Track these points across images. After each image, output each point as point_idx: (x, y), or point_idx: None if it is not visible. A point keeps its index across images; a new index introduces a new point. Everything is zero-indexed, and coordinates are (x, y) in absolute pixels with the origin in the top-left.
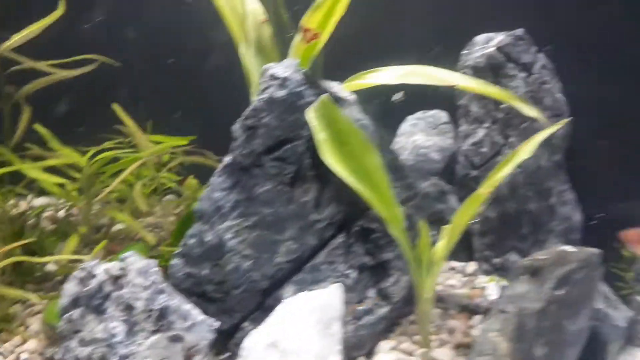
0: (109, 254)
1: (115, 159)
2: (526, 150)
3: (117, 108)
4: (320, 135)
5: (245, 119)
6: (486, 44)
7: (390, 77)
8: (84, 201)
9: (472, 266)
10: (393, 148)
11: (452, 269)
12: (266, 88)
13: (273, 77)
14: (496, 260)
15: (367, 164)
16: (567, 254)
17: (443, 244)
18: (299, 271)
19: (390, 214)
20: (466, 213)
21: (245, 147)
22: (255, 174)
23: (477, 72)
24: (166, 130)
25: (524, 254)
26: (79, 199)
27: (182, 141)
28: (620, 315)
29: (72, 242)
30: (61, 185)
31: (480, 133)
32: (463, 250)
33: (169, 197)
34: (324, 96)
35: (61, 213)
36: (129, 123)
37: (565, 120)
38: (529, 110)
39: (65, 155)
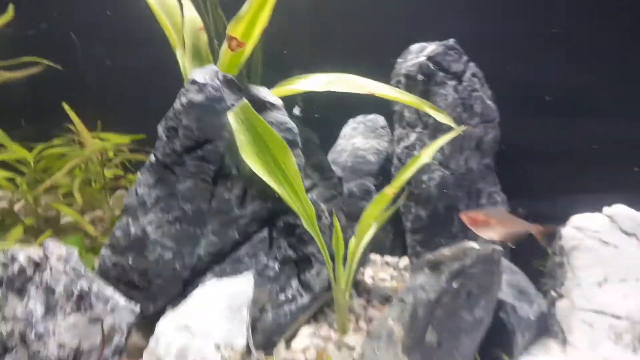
0: None
1: (63, 156)
2: (428, 154)
3: (66, 107)
4: (241, 137)
5: (166, 120)
6: (419, 53)
7: (315, 85)
8: (30, 194)
9: (404, 261)
10: (320, 150)
11: (387, 263)
12: (187, 92)
13: (193, 82)
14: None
15: (283, 165)
16: (467, 250)
17: (354, 240)
18: (220, 262)
19: (304, 210)
20: (373, 212)
21: (167, 147)
22: (176, 171)
23: (410, 79)
24: (120, 129)
25: None
26: (27, 193)
27: (124, 139)
28: (532, 308)
29: (16, 232)
30: (11, 180)
31: (412, 137)
32: (399, 246)
33: (120, 192)
34: (244, 101)
35: (10, 205)
36: (76, 121)
37: (458, 129)
38: (441, 117)
39: (14, 151)
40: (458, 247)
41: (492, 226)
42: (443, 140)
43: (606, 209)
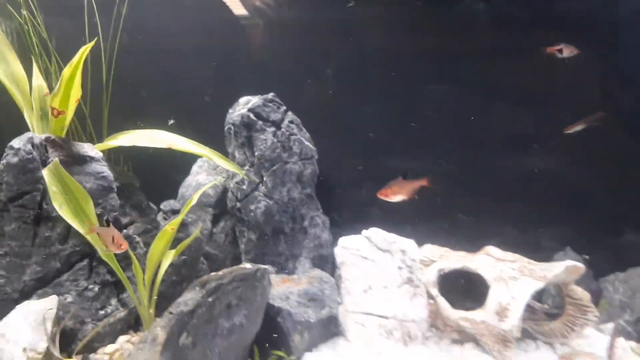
0: None
1: None
2: (197, 195)
3: None
4: (53, 189)
5: None
6: (245, 105)
7: (126, 141)
8: None
9: None
10: (140, 191)
11: None
12: (6, 155)
13: (10, 147)
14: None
15: (85, 210)
16: (235, 270)
17: (149, 268)
18: (44, 287)
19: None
20: (159, 245)
21: None
22: (4, 216)
23: (236, 127)
24: None
25: (281, 266)
26: None
27: None
28: (320, 313)
29: None
30: None
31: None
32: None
33: None
34: (55, 160)
35: None
36: None
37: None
38: (228, 165)
39: None
40: (231, 268)
41: (397, 192)
42: (208, 186)
43: (364, 232)
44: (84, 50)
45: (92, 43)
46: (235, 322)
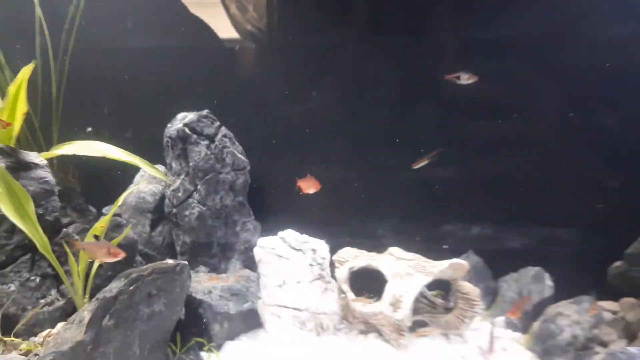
0: None
1: None
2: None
3: None
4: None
5: None
6: (181, 120)
7: (69, 150)
8: None
9: None
10: (79, 195)
11: None
12: None
13: None
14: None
15: (27, 209)
16: (158, 264)
17: (81, 262)
18: None
19: (40, 242)
20: (90, 241)
21: None
22: None
23: (173, 140)
24: None
25: (214, 266)
26: None
27: None
28: (241, 306)
29: None
30: None
31: (178, 182)
32: None
33: None
34: (1, 165)
35: None
36: None
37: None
38: (153, 172)
39: None
40: (155, 263)
41: (309, 186)
42: (122, 197)
43: (280, 233)
44: (26, 70)
45: (32, 65)
46: (155, 309)
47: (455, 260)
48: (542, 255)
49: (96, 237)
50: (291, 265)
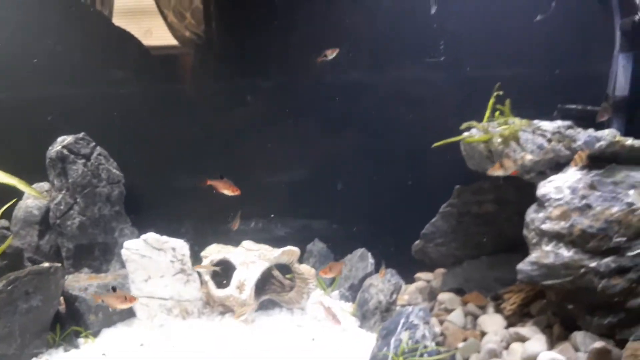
0: None
1: None
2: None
3: None
4: None
5: None
6: (61, 142)
7: None
8: None
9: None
10: None
11: None
12: None
13: None
14: (74, 272)
15: None
16: (34, 267)
17: None
18: None
19: None
20: None
21: None
22: None
23: (53, 161)
24: None
25: (96, 268)
26: None
27: None
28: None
29: None
30: None
31: (59, 196)
32: (68, 267)
33: None
34: None
35: None
36: None
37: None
38: (29, 190)
39: None
40: (33, 266)
41: (223, 187)
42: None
43: (143, 236)
44: None
45: None
46: (32, 304)
47: (288, 247)
48: (370, 239)
49: (114, 288)
50: (154, 263)
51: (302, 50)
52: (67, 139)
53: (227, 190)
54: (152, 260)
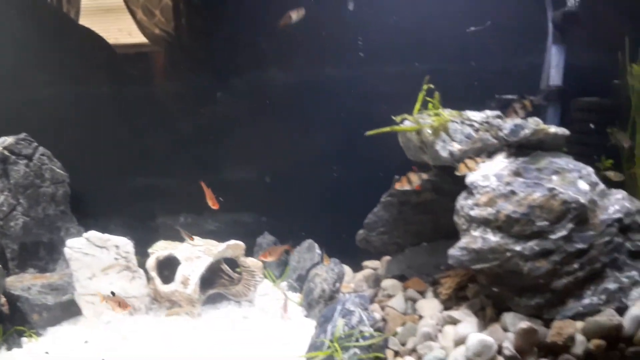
0: None
1: None
2: None
3: None
4: None
5: None
6: (2, 143)
7: None
8: None
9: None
10: None
11: None
12: None
13: None
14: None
15: None
16: None
17: None
18: None
19: None
20: None
21: None
22: None
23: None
24: None
25: (42, 268)
26: None
27: None
28: (53, 298)
29: None
30: None
31: (1, 198)
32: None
33: None
34: None
35: None
36: None
37: None
38: None
39: None
40: None
41: (209, 196)
42: None
43: (84, 234)
44: None
45: None
46: None
47: (232, 241)
48: (319, 230)
49: (113, 293)
50: (97, 260)
51: None
52: (7, 140)
53: (210, 201)
54: (95, 258)
